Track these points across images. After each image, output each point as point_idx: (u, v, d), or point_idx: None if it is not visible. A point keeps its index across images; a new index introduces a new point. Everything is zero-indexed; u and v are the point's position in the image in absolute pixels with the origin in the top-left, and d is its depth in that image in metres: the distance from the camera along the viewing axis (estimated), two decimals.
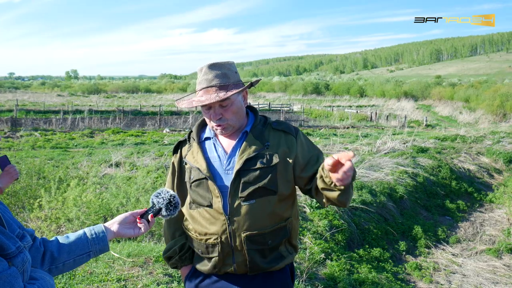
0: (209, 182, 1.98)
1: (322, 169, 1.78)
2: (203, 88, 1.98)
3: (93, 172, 7.95)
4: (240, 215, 1.94)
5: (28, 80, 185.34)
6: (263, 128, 2.07)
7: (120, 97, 62.33)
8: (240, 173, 1.95)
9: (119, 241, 5.55)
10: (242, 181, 1.94)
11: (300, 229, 7.09)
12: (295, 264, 5.64)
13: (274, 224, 1.98)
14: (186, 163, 2.10)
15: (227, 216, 1.95)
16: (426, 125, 26.18)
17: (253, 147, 1.98)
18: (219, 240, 1.98)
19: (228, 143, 2.06)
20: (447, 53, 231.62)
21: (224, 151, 2.04)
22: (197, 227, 2.05)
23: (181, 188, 2.14)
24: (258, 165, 1.95)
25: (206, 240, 2.01)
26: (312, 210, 7.76)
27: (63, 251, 1.48)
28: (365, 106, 43.57)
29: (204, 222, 2.01)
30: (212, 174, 2.00)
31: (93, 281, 3.99)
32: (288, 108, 38.51)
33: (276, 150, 1.99)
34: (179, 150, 2.18)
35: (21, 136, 19.63)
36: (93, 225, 1.70)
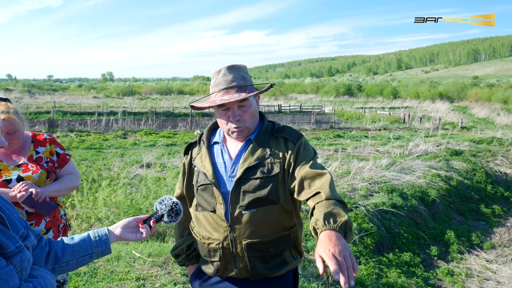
0: (214, 188, 1.98)
1: (315, 226, 1.59)
2: (223, 89, 1.96)
3: (124, 173, 8.09)
4: (241, 223, 1.93)
5: (66, 82, 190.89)
6: (268, 135, 2.04)
7: (153, 99, 63.41)
8: (240, 182, 1.94)
9: (141, 241, 5.64)
10: (242, 190, 1.93)
11: None
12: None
13: (277, 233, 1.96)
14: (195, 166, 2.11)
15: (228, 223, 1.95)
16: (461, 127, 25.48)
17: (255, 156, 1.96)
18: (221, 245, 1.98)
19: (234, 150, 2.05)
20: (485, 53, 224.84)
21: (229, 157, 2.04)
22: (201, 230, 2.06)
23: (189, 189, 2.16)
24: (259, 174, 1.92)
25: (209, 244, 2.03)
26: None
27: (67, 252, 1.55)
28: (398, 108, 42.84)
29: (208, 226, 2.02)
30: (217, 180, 1.99)
31: (113, 279, 4.09)
32: (319, 110, 38.28)
33: (278, 159, 1.95)
34: (189, 152, 2.19)
35: (57, 137, 20.21)
36: None
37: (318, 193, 1.76)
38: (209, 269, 2.09)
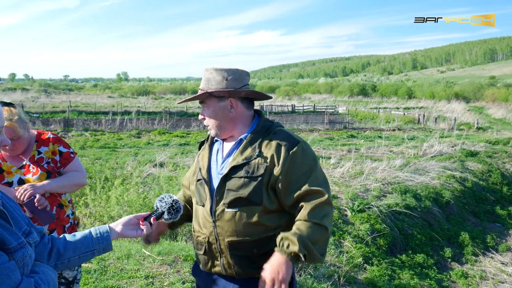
0: (205, 184, 2.04)
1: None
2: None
3: (137, 172, 8.14)
4: (223, 220, 1.96)
5: (82, 82, 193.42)
6: (261, 136, 2.03)
7: (167, 99, 63.82)
8: (226, 179, 1.97)
9: None
10: (226, 188, 1.95)
11: (340, 232, 7.00)
12: (333, 268, 5.57)
13: (261, 233, 1.94)
14: (199, 162, 2.18)
15: (213, 219, 1.99)
16: (477, 128, 25.15)
17: (244, 155, 1.97)
18: (207, 240, 2.03)
19: (227, 148, 2.09)
20: (502, 53, 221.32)
21: (222, 155, 2.09)
22: (194, 222, 2.13)
23: (193, 182, 2.23)
24: (243, 174, 1.93)
25: (197, 237, 2.09)
26: (353, 213, 7.63)
27: (69, 248, 1.59)
28: (413, 108, 42.47)
29: (200, 219, 2.07)
30: (209, 176, 2.06)
31: (123, 277, 4.13)
32: (332, 110, 38.15)
33: (266, 161, 1.93)
34: (201, 148, 2.28)
35: (73, 136, 20.44)
36: None
37: (302, 207, 1.88)
38: (199, 262, 2.14)
